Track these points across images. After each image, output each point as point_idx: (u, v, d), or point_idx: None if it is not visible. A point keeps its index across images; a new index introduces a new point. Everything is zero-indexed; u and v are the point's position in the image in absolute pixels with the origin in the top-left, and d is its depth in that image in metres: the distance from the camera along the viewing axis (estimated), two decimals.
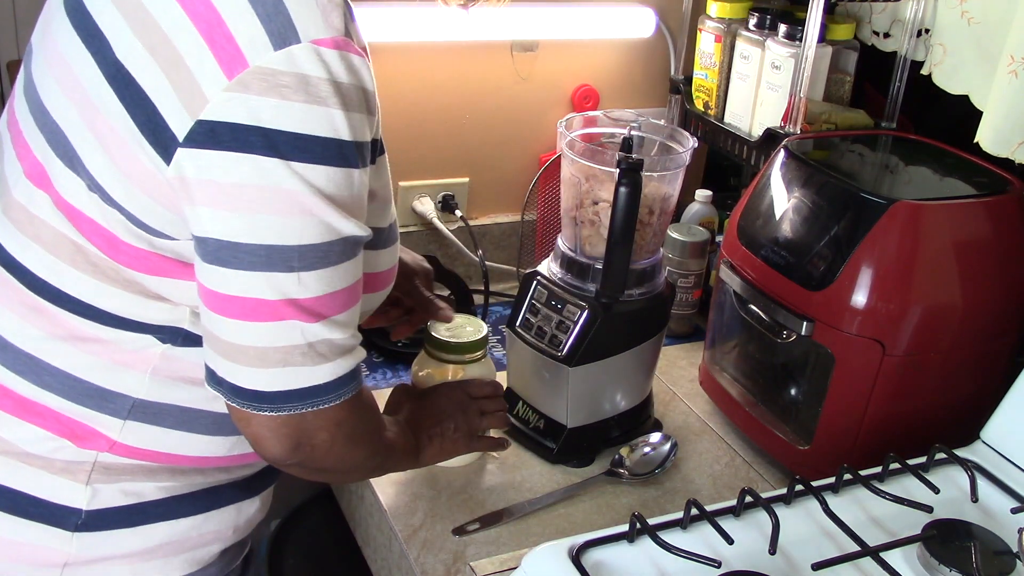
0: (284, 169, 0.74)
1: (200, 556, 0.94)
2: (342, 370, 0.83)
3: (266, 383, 0.80)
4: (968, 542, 0.87)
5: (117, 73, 0.77)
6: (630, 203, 1.07)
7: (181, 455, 0.90)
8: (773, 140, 1.39)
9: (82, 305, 0.84)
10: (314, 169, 0.75)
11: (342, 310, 0.81)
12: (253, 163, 0.74)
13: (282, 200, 0.75)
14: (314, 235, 0.77)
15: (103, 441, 0.87)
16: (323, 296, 0.79)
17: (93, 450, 0.87)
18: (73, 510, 0.87)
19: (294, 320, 0.78)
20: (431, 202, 1.61)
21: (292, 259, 0.76)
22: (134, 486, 0.89)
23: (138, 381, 0.87)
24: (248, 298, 0.77)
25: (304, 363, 0.80)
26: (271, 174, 0.74)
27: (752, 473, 1.25)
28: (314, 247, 0.77)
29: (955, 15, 1.30)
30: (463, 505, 1.14)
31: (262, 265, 0.76)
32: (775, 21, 1.42)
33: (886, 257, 1.07)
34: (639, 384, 1.26)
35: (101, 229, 0.81)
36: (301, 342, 0.79)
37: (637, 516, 0.86)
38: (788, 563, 0.86)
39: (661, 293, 1.22)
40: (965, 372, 1.15)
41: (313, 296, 0.78)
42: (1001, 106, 1.18)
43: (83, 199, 0.81)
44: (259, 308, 0.77)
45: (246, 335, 0.78)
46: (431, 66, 1.52)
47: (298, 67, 0.73)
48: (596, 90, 1.67)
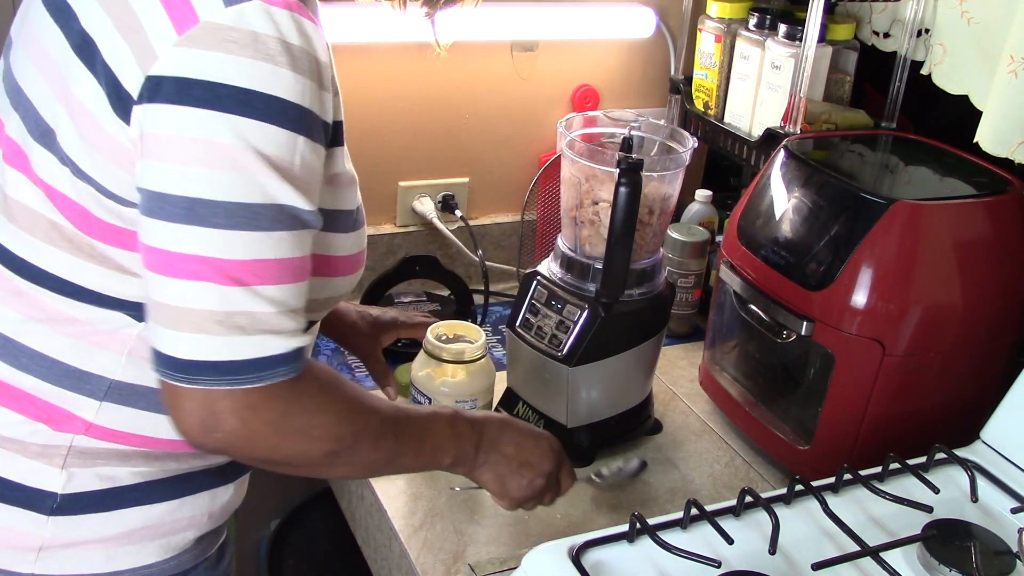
0: (222, 122, 0.73)
1: (175, 542, 0.94)
2: (264, 351, 0.77)
3: (181, 349, 0.76)
4: (968, 542, 0.87)
5: (83, 43, 0.78)
6: (630, 203, 1.07)
7: (156, 438, 0.90)
8: (773, 140, 1.39)
9: (59, 282, 0.84)
10: (254, 125, 0.74)
11: (271, 282, 0.77)
12: (191, 115, 0.73)
13: (214, 153, 0.73)
14: (243, 193, 0.74)
15: (79, 423, 0.87)
16: (247, 261, 0.75)
17: (69, 433, 0.87)
18: (48, 494, 0.87)
19: (210, 282, 0.75)
20: (431, 202, 1.61)
21: (217, 215, 0.74)
22: (109, 470, 0.89)
23: (114, 362, 0.86)
24: (169, 251, 0.75)
25: (218, 332, 0.75)
26: (206, 126, 0.73)
27: (752, 473, 1.25)
28: (242, 206, 0.74)
29: (955, 15, 1.30)
30: (463, 505, 1.14)
31: (185, 217, 0.74)
32: (775, 21, 1.42)
33: (886, 257, 1.07)
34: (639, 384, 1.26)
35: (74, 204, 0.82)
36: (217, 308, 0.75)
37: (637, 516, 0.86)
38: (788, 563, 0.86)
39: (661, 293, 1.22)
40: (965, 372, 1.15)
41: (235, 259, 0.75)
42: (1001, 106, 1.18)
43: (57, 175, 0.81)
44: (178, 263, 0.75)
45: (167, 292, 0.76)
46: (431, 66, 1.52)
47: (248, 24, 0.73)
48: (596, 90, 1.67)
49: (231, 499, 1.00)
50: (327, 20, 1.38)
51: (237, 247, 0.75)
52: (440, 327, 1.20)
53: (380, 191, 1.58)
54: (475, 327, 1.21)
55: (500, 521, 1.11)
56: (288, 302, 0.78)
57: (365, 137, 1.53)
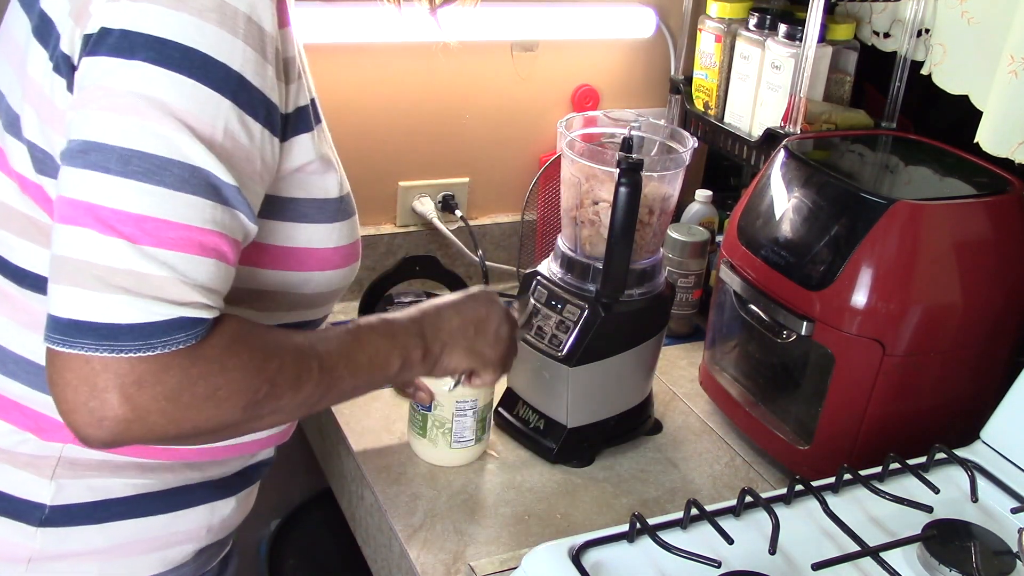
0: (129, 70, 0.69)
1: (171, 556, 0.92)
2: (150, 316, 0.68)
3: (59, 305, 0.69)
4: (968, 542, 0.88)
5: (40, 23, 0.78)
6: (630, 203, 1.07)
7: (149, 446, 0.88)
8: (773, 140, 1.39)
9: (39, 279, 0.81)
10: (165, 75, 0.69)
11: (169, 247, 0.69)
12: (101, 64, 0.70)
13: (116, 99, 0.69)
14: (144, 143, 0.69)
15: (67, 432, 0.82)
16: (139, 216, 0.68)
17: (58, 442, 0.85)
18: (37, 505, 0.85)
19: (90, 228, 0.68)
20: (431, 202, 1.61)
21: (110, 160, 0.68)
22: (101, 482, 0.87)
23: None
24: (61, 197, 0.70)
25: (96, 288, 0.68)
26: (113, 74, 0.70)
27: (752, 473, 1.25)
28: (140, 155, 0.69)
29: (955, 15, 1.30)
30: (463, 505, 1.14)
31: (79, 161, 0.69)
32: (775, 21, 1.42)
33: (886, 257, 1.07)
34: (639, 384, 1.26)
35: (44, 193, 0.80)
36: (96, 260, 0.68)
37: (637, 516, 0.86)
38: (788, 563, 0.86)
39: (661, 293, 1.22)
40: (965, 372, 1.15)
41: (122, 210, 0.68)
42: (1001, 106, 1.18)
43: (27, 165, 0.80)
44: (65, 208, 0.69)
45: (56, 242, 0.70)
46: (431, 66, 1.52)
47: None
48: (596, 90, 1.67)
49: (233, 513, 0.98)
50: (329, 20, 1.39)
51: (128, 198, 0.68)
52: None
53: (380, 191, 1.58)
54: None
55: (500, 521, 1.12)
56: (189, 274, 0.70)
57: (365, 137, 1.53)
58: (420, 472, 1.19)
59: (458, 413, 1.16)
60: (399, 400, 1.32)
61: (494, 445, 1.24)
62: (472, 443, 1.19)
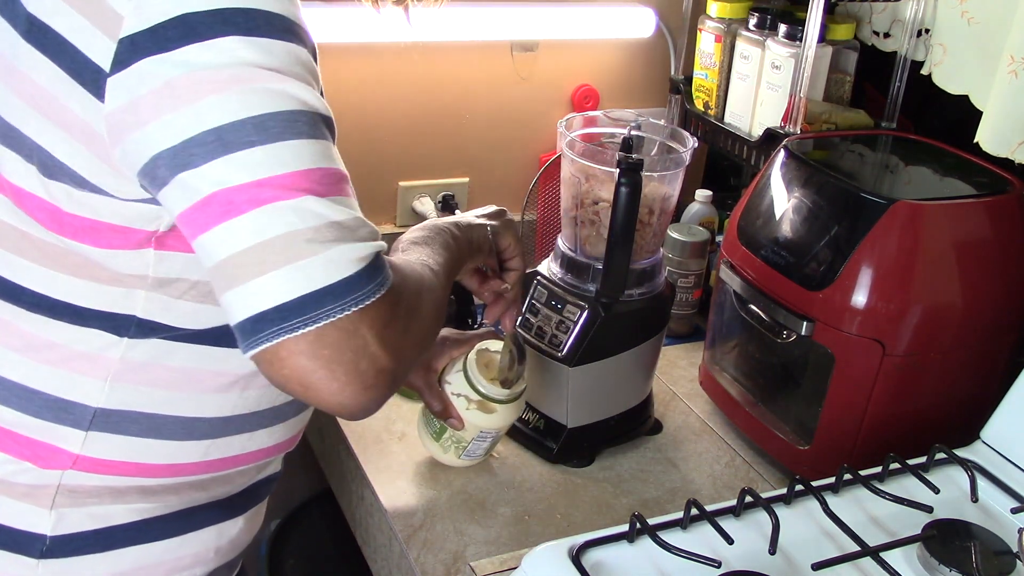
0: (207, 51, 0.67)
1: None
2: (366, 256, 0.69)
3: (281, 291, 0.66)
4: (968, 542, 0.87)
5: (31, 27, 0.74)
6: (630, 203, 1.07)
7: (150, 464, 0.85)
8: (773, 140, 1.39)
9: (33, 296, 0.80)
10: (240, 41, 0.68)
11: (337, 192, 0.69)
12: (176, 58, 0.68)
13: (215, 80, 0.67)
14: (267, 104, 0.68)
15: (66, 457, 0.82)
16: (304, 171, 0.68)
17: (57, 469, 0.82)
18: (37, 536, 0.82)
19: (278, 201, 0.66)
20: (431, 202, 1.61)
21: (248, 133, 0.67)
22: (102, 509, 0.84)
23: (98, 389, 0.82)
24: (219, 191, 0.67)
25: (314, 252, 0.66)
26: (196, 61, 0.67)
27: (752, 473, 1.25)
28: (271, 116, 0.68)
29: (955, 15, 1.30)
30: (463, 505, 1.14)
31: (219, 150, 0.67)
32: (775, 21, 1.42)
33: (886, 257, 1.07)
34: (639, 384, 1.26)
35: (44, 204, 0.77)
36: (300, 225, 0.66)
37: (637, 516, 0.86)
38: (788, 563, 0.86)
39: (661, 293, 1.22)
40: (965, 372, 1.15)
41: (290, 171, 0.67)
42: (1001, 106, 1.18)
43: (24, 175, 0.77)
44: (235, 198, 0.67)
45: (236, 238, 0.67)
46: (431, 66, 1.52)
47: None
48: (596, 90, 1.67)
49: (241, 533, 0.95)
50: (329, 20, 1.39)
51: (285, 157, 0.67)
52: (485, 348, 1.14)
53: (380, 191, 1.58)
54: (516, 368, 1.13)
55: (500, 521, 1.12)
56: (358, 209, 0.71)
57: (365, 137, 1.53)
58: (420, 472, 1.19)
59: (478, 439, 1.14)
60: (399, 400, 1.32)
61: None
62: (480, 458, 1.19)
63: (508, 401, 1.12)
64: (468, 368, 1.10)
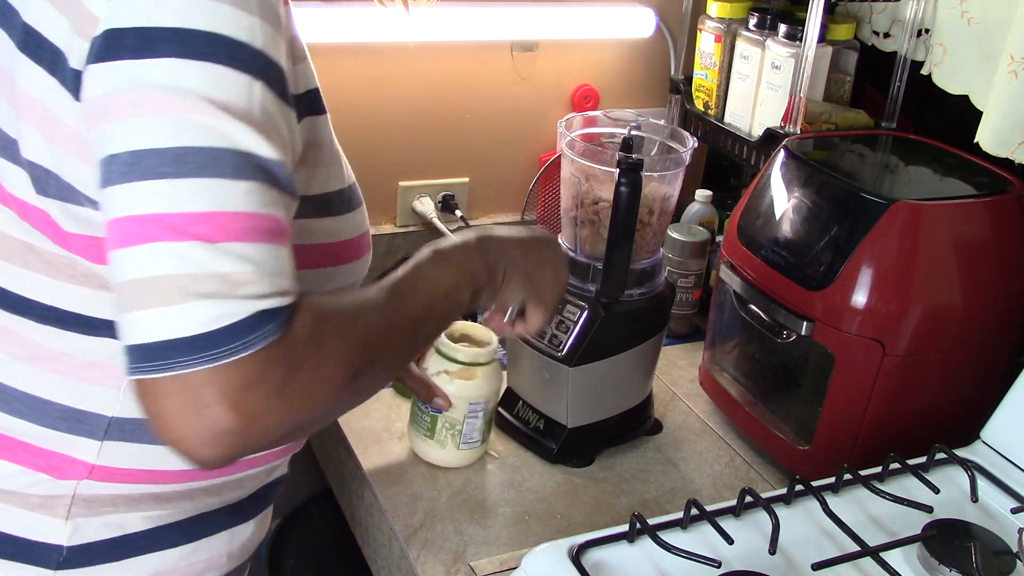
0: (157, 68, 0.65)
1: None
2: (242, 313, 0.65)
3: (147, 330, 0.65)
4: (968, 542, 0.88)
5: (27, 37, 0.73)
6: (630, 203, 1.07)
7: (165, 471, 0.84)
8: (773, 140, 1.39)
9: (41, 308, 0.79)
10: (195, 66, 0.66)
11: (243, 239, 0.66)
12: (125, 68, 0.66)
13: (155, 101, 0.66)
14: (193, 136, 0.65)
15: (81, 467, 0.81)
16: (207, 214, 0.65)
17: (72, 479, 0.82)
18: (54, 547, 0.82)
19: (164, 241, 0.64)
20: (431, 202, 1.61)
21: (165, 163, 0.65)
22: (117, 518, 0.83)
23: (111, 398, 0.81)
24: (119, 218, 0.66)
25: (181, 301, 0.64)
26: (143, 75, 0.66)
27: (752, 473, 1.25)
28: (194, 151, 0.65)
29: (955, 15, 1.30)
30: (463, 505, 1.14)
31: (131, 175, 0.65)
32: (775, 21, 1.42)
33: (886, 257, 1.07)
34: (639, 384, 1.26)
35: (47, 217, 0.76)
36: (177, 271, 0.64)
37: (637, 516, 0.86)
38: (788, 563, 0.86)
39: (661, 293, 1.22)
40: (965, 372, 1.15)
41: (190, 211, 0.65)
42: (1001, 106, 1.18)
43: (25, 188, 0.76)
44: (129, 228, 0.65)
45: (124, 268, 0.66)
46: (431, 66, 1.52)
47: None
48: (596, 90, 1.67)
49: (251, 537, 0.95)
50: (329, 20, 1.39)
51: (192, 197, 0.65)
52: (451, 327, 1.19)
53: (380, 191, 1.58)
54: (484, 328, 1.21)
55: (500, 521, 1.12)
56: (267, 263, 0.67)
57: (365, 137, 1.53)
58: (420, 472, 1.19)
59: (470, 415, 1.16)
60: (399, 400, 1.32)
61: (494, 445, 1.24)
62: (478, 443, 1.19)
63: (486, 362, 1.16)
64: (438, 344, 1.16)
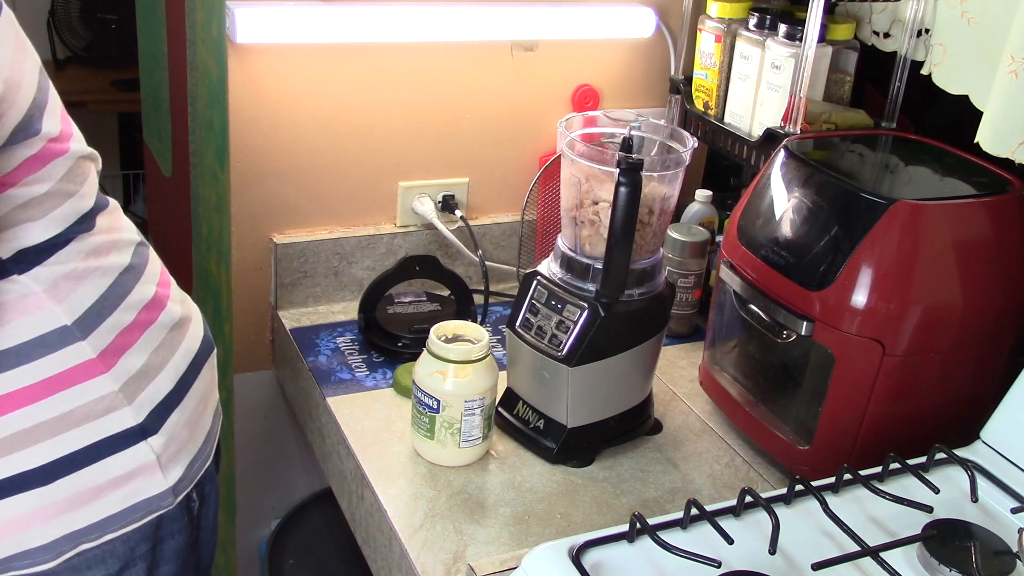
0: None
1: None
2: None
3: None
4: (968, 542, 0.88)
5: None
6: (630, 203, 1.07)
7: None
8: (773, 140, 1.39)
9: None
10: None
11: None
12: None
13: None
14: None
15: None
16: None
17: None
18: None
19: None
20: (431, 202, 1.61)
21: None
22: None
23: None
24: None
25: None
26: None
27: (752, 473, 1.25)
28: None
29: (955, 15, 1.30)
30: (463, 505, 1.14)
31: None
32: (775, 21, 1.42)
33: (886, 257, 1.07)
34: (639, 384, 1.26)
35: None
36: None
37: (637, 516, 0.86)
38: (788, 563, 0.87)
39: (661, 293, 1.22)
40: (965, 372, 1.15)
41: None
42: (1001, 106, 1.17)
43: None
44: None
45: None
46: (432, 66, 1.52)
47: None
48: (596, 90, 1.67)
49: None
50: (329, 20, 1.39)
51: None
52: (441, 327, 1.20)
53: (380, 191, 1.58)
54: (475, 325, 1.22)
55: (500, 521, 1.12)
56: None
57: (365, 137, 1.53)
58: (420, 472, 1.19)
59: (467, 412, 1.16)
60: (399, 400, 1.32)
61: (494, 445, 1.24)
62: (479, 441, 1.19)
63: (479, 358, 1.16)
64: (429, 345, 1.17)
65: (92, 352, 0.92)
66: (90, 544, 0.93)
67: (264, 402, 1.63)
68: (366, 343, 1.46)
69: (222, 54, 1.39)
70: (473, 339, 1.20)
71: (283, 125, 1.46)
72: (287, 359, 1.52)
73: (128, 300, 0.97)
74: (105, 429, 0.92)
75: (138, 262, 1.01)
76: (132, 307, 0.97)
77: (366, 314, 1.45)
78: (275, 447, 1.68)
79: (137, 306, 0.98)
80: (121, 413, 0.93)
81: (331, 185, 1.53)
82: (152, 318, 0.99)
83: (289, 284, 1.53)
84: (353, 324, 1.52)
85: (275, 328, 1.56)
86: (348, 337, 1.49)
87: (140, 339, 0.97)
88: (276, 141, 1.47)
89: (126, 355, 0.95)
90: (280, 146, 1.47)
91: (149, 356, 0.98)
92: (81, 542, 0.93)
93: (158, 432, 0.96)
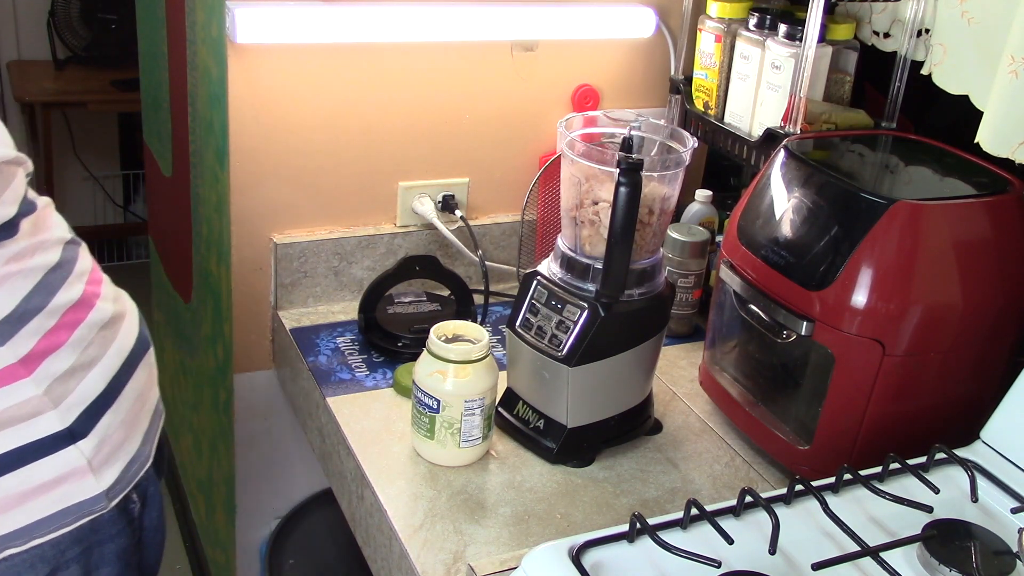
0: None
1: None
2: None
3: None
4: (968, 542, 0.88)
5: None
6: (630, 203, 1.07)
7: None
8: (773, 140, 1.39)
9: None
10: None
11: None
12: None
13: None
14: None
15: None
16: None
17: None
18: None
19: None
20: (431, 202, 1.61)
21: None
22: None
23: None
24: None
25: None
26: None
27: (752, 473, 1.25)
28: None
29: (955, 15, 1.30)
30: (463, 505, 1.14)
31: None
32: (775, 21, 1.42)
33: (886, 257, 1.07)
34: (639, 384, 1.26)
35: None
36: None
37: (637, 516, 0.86)
38: (788, 563, 0.86)
39: (661, 293, 1.22)
40: (965, 372, 1.15)
41: None
42: (1001, 106, 1.17)
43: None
44: None
45: None
46: (432, 66, 1.52)
47: None
48: (596, 90, 1.67)
49: None
50: (329, 20, 1.39)
51: None
52: (441, 327, 1.20)
53: (380, 191, 1.58)
54: (475, 325, 1.22)
55: (500, 521, 1.12)
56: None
57: (365, 137, 1.53)
58: (420, 472, 1.19)
59: (467, 413, 1.16)
60: (399, 400, 1.32)
61: (494, 445, 1.24)
62: (479, 441, 1.19)
63: (479, 358, 1.16)
64: (429, 345, 1.17)
65: (12, 357, 0.90)
66: (16, 549, 0.92)
67: (264, 402, 1.63)
68: (366, 343, 1.46)
69: (222, 54, 1.39)
70: (473, 339, 1.20)
71: (283, 125, 1.46)
72: (287, 359, 1.52)
73: (54, 301, 0.95)
74: (30, 434, 0.91)
75: (67, 260, 0.99)
76: (58, 308, 0.95)
77: (366, 314, 1.45)
78: (275, 447, 1.68)
79: (64, 307, 0.96)
80: (47, 417, 0.92)
81: (331, 185, 1.53)
82: (80, 318, 0.98)
83: (289, 284, 1.53)
84: (353, 324, 1.52)
85: (275, 328, 1.56)
86: (348, 337, 1.49)
87: (68, 340, 0.95)
88: (276, 141, 1.47)
89: (50, 358, 0.93)
90: (280, 146, 1.47)
91: (78, 356, 0.96)
92: (7, 547, 0.92)
93: (88, 435, 0.95)
